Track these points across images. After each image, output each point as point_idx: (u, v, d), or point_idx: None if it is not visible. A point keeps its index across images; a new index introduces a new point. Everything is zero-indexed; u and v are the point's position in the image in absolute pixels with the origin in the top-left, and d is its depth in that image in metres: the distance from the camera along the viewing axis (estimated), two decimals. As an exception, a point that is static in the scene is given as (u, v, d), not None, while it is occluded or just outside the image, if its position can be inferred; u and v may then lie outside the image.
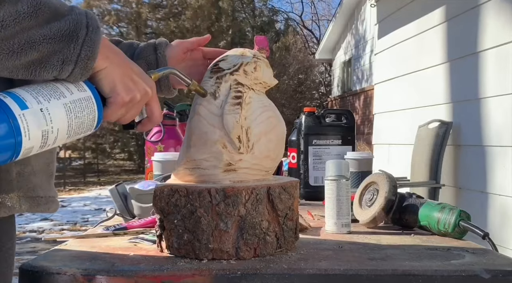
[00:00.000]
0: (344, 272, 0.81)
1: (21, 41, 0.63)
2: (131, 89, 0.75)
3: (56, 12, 0.66)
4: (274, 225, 0.90)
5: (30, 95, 0.65)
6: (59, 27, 0.66)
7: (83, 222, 6.31)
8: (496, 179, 2.53)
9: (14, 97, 0.64)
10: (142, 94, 0.77)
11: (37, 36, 0.64)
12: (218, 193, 0.85)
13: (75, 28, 0.67)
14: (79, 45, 0.67)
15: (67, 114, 0.68)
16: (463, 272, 0.81)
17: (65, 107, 0.68)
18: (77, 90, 0.70)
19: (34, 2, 0.64)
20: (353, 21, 10.71)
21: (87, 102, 0.71)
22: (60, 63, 0.67)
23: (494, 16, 2.56)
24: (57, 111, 0.67)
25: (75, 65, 0.67)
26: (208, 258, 0.86)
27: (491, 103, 2.58)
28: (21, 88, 0.66)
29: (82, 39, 0.67)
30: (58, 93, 0.68)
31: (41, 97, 0.66)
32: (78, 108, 0.70)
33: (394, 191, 1.16)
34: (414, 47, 3.49)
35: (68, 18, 0.67)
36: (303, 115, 1.82)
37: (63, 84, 0.69)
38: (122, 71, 0.74)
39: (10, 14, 0.61)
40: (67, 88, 0.69)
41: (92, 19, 0.70)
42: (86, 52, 0.68)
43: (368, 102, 9.54)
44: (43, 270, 0.79)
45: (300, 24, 18.67)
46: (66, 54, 0.66)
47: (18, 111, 0.63)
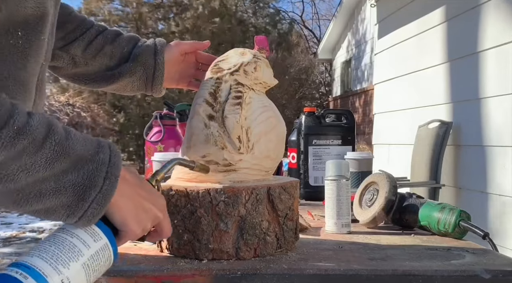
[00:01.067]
0: (344, 272, 0.81)
1: (29, 194, 0.59)
2: (142, 221, 0.71)
3: (77, 160, 0.63)
4: (274, 225, 0.90)
5: (49, 265, 0.61)
6: (74, 181, 0.62)
7: (83, 222, 6.30)
8: (496, 179, 2.53)
9: (35, 275, 0.59)
10: (153, 220, 0.74)
11: (47, 189, 0.60)
12: (218, 194, 0.85)
13: (89, 184, 0.63)
14: (87, 203, 0.63)
15: (86, 274, 0.65)
16: (463, 272, 0.81)
17: (83, 267, 0.64)
18: (93, 240, 0.66)
19: (56, 151, 0.60)
20: (353, 21, 10.71)
21: (103, 252, 0.67)
22: (65, 216, 0.64)
23: (495, 16, 2.55)
24: (76, 275, 0.63)
25: (78, 219, 0.64)
26: (208, 258, 0.86)
27: (491, 103, 2.58)
28: (38, 257, 0.61)
29: (92, 198, 0.63)
30: (76, 253, 0.64)
31: (60, 265, 0.62)
32: (96, 261, 0.66)
33: (394, 191, 1.16)
34: (414, 47, 3.48)
35: (87, 169, 0.63)
36: (303, 115, 1.82)
37: (78, 237, 0.65)
38: (134, 203, 0.70)
39: (25, 167, 0.58)
40: (83, 243, 0.65)
41: (113, 167, 0.65)
42: (93, 210, 0.64)
43: (368, 102, 9.54)
44: (43, 270, 0.79)
45: (301, 24, 18.68)
46: (73, 210, 0.63)
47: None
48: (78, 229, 0.66)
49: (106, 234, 0.68)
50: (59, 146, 0.61)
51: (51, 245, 0.64)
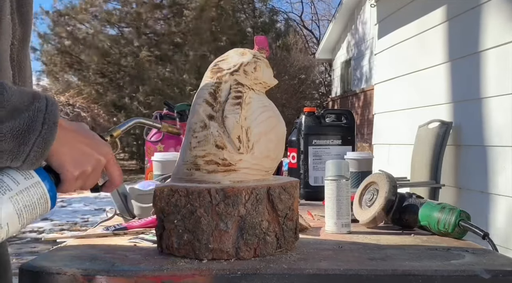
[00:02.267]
0: (344, 272, 0.81)
1: None
2: (80, 162, 0.74)
3: (13, 110, 0.66)
4: (274, 225, 0.90)
5: None
6: (12, 127, 0.66)
7: (83, 222, 6.31)
8: (496, 179, 2.53)
9: None
10: (94, 164, 0.76)
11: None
12: (218, 193, 0.85)
13: (28, 128, 0.67)
14: (28, 147, 0.67)
15: (14, 207, 0.68)
16: (463, 272, 0.81)
17: (11, 201, 0.68)
18: (24, 178, 0.70)
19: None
20: (353, 21, 10.71)
21: (35, 189, 0.71)
22: (9, 160, 0.67)
23: (495, 16, 2.55)
24: (3, 206, 0.67)
25: (22, 163, 0.68)
26: (208, 258, 0.86)
27: (491, 103, 2.58)
28: None
29: (32, 141, 0.67)
30: (4, 188, 0.68)
31: None
32: (27, 197, 0.70)
33: (394, 191, 1.16)
34: (414, 47, 3.48)
35: (24, 116, 0.67)
36: (303, 115, 1.82)
37: (9, 175, 0.69)
38: (70, 146, 0.73)
39: None
40: (13, 180, 0.69)
41: (50, 114, 0.69)
42: (35, 153, 0.68)
43: (368, 102, 9.54)
44: (43, 270, 0.79)
45: (300, 24, 18.68)
46: (15, 154, 0.67)
47: None
48: (11, 170, 0.70)
49: (39, 174, 0.71)
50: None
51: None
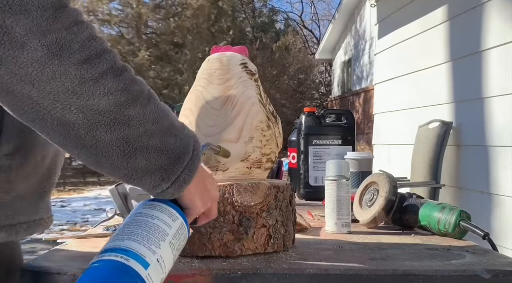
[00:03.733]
0: (344, 272, 0.81)
1: (138, 145, 0.62)
2: (205, 199, 0.74)
3: (171, 126, 0.66)
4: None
5: (144, 247, 0.62)
6: (174, 145, 0.66)
7: (83, 222, 6.31)
8: (497, 179, 2.52)
9: (135, 257, 0.60)
10: (212, 200, 0.77)
11: (153, 145, 0.63)
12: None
13: (183, 150, 0.67)
14: (181, 168, 0.66)
15: (172, 252, 0.67)
16: (463, 272, 0.81)
17: (170, 246, 0.66)
18: (172, 220, 0.68)
19: (159, 110, 0.64)
20: (353, 21, 10.70)
21: (182, 230, 0.70)
22: (160, 179, 0.65)
23: (496, 15, 2.55)
24: (167, 254, 0.65)
25: (171, 184, 0.66)
26: (208, 258, 0.86)
27: (492, 103, 2.57)
28: (130, 240, 0.62)
29: (185, 163, 0.67)
30: (162, 233, 0.65)
31: (153, 245, 0.63)
32: (178, 240, 0.68)
33: (394, 191, 1.16)
34: (414, 47, 3.48)
35: (180, 136, 0.67)
36: (303, 115, 1.82)
37: (160, 219, 0.67)
38: (200, 183, 0.73)
39: (138, 115, 0.61)
40: (165, 223, 0.67)
41: (196, 143, 0.70)
42: (185, 176, 0.67)
43: (368, 102, 9.54)
44: (43, 270, 0.79)
45: (300, 24, 18.67)
46: (168, 173, 0.66)
47: (144, 272, 0.59)
48: (155, 211, 0.67)
49: (179, 213, 0.70)
50: (161, 107, 0.65)
51: (137, 228, 0.64)
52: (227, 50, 0.98)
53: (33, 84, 0.55)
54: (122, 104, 0.60)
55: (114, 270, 0.58)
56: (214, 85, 0.92)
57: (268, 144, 0.93)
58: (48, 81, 0.56)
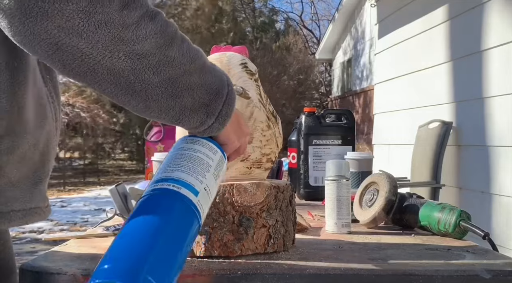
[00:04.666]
0: (344, 272, 0.81)
1: (182, 84, 0.65)
2: (240, 135, 0.78)
3: (205, 64, 0.69)
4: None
5: (191, 176, 0.66)
6: (211, 81, 0.69)
7: (83, 222, 6.31)
8: (497, 179, 2.52)
9: (186, 186, 0.64)
10: (245, 135, 0.80)
11: (195, 83, 0.67)
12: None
13: (221, 84, 0.70)
14: (222, 102, 0.70)
15: (215, 182, 0.70)
16: (463, 272, 0.81)
17: (214, 177, 0.70)
18: (213, 153, 0.72)
19: (193, 49, 0.67)
20: (353, 21, 10.71)
21: (222, 163, 0.73)
22: (205, 115, 0.69)
23: (497, 15, 2.55)
24: (211, 183, 0.69)
25: (215, 119, 0.70)
26: (208, 257, 0.86)
27: (492, 103, 2.57)
28: (178, 171, 0.66)
29: (225, 97, 0.70)
30: (206, 166, 0.69)
31: (200, 176, 0.67)
32: (220, 171, 0.72)
33: (395, 191, 1.16)
34: (414, 47, 3.48)
35: (215, 73, 0.70)
36: (303, 115, 1.82)
37: (202, 153, 0.70)
38: (234, 120, 0.75)
39: (178, 55, 0.64)
40: (207, 156, 0.70)
41: (229, 78, 0.73)
42: (226, 110, 0.71)
43: (368, 102, 9.54)
44: (43, 270, 0.79)
45: (300, 24, 18.67)
46: (212, 108, 0.69)
47: (195, 199, 0.64)
48: (197, 145, 0.71)
49: (218, 148, 0.74)
50: (192, 47, 0.68)
51: (183, 161, 0.68)
52: (227, 50, 0.98)
53: (81, 35, 0.57)
54: (162, 46, 0.63)
55: (169, 197, 0.63)
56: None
57: (268, 144, 0.93)
58: (95, 30, 0.57)
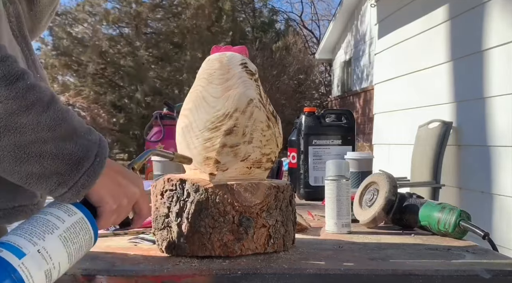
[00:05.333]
0: (344, 272, 0.81)
1: (31, 151, 0.64)
2: (118, 195, 0.74)
3: (72, 132, 0.68)
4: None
5: (24, 239, 0.64)
6: (70, 150, 0.67)
7: (83, 222, 6.29)
8: (497, 179, 2.52)
9: (9, 247, 0.63)
10: (130, 197, 0.76)
11: (48, 152, 0.65)
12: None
13: (83, 155, 0.68)
14: (79, 174, 0.67)
15: (64, 245, 0.67)
16: (463, 272, 0.81)
17: (60, 239, 0.67)
18: (68, 215, 0.69)
19: (58, 117, 0.66)
20: (353, 21, 10.70)
21: (80, 225, 0.70)
22: (56, 184, 0.67)
23: (498, 15, 2.54)
24: (54, 245, 0.66)
25: (68, 190, 0.68)
26: (208, 257, 0.86)
27: (492, 103, 2.57)
28: (13, 234, 0.65)
29: (85, 169, 0.68)
30: (51, 227, 0.67)
31: (35, 237, 0.65)
32: (73, 234, 0.69)
33: (394, 191, 1.16)
34: (414, 47, 3.48)
35: (80, 142, 0.68)
36: (303, 115, 1.82)
37: (52, 214, 0.68)
38: (109, 178, 0.72)
39: (32, 123, 0.63)
40: (57, 218, 0.68)
41: (102, 148, 0.70)
42: (84, 182, 0.68)
43: (368, 102, 9.54)
44: (43, 270, 0.79)
45: (300, 24, 18.66)
46: (65, 179, 0.67)
47: (16, 261, 0.62)
48: (52, 208, 0.69)
49: (81, 210, 0.71)
50: (61, 114, 0.66)
51: (25, 224, 0.67)
52: (227, 50, 0.98)
53: None
54: (13, 112, 0.62)
55: None
56: (214, 85, 0.92)
57: (268, 144, 0.93)
58: None
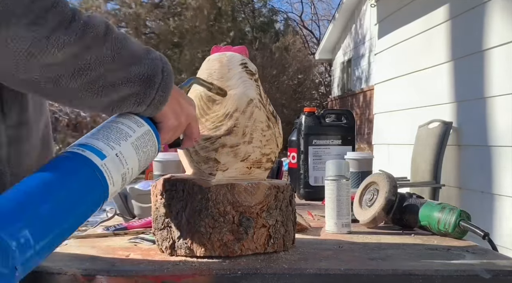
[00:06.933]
0: (344, 272, 0.81)
1: (104, 83, 0.67)
2: (178, 113, 0.78)
3: (134, 55, 0.70)
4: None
5: (103, 143, 0.69)
6: (138, 72, 0.70)
7: (83, 222, 6.29)
8: (497, 179, 2.52)
9: (91, 149, 0.67)
10: (187, 116, 0.80)
11: (118, 79, 0.68)
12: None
13: (152, 73, 0.71)
14: (154, 91, 0.71)
15: (136, 152, 0.72)
16: (463, 272, 0.81)
17: (133, 146, 0.72)
18: (137, 126, 0.73)
19: (116, 46, 0.68)
20: (353, 21, 10.70)
21: (148, 136, 0.75)
22: (135, 104, 0.71)
23: (499, 14, 2.54)
24: (128, 151, 0.71)
25: (147, 107, 0.72)
26: (208, 257, 0.86)
27: (492, 103, 2.57)
28: (91, 138, 0.70)
29: (157, 85, 0.72)
30: (124, 135, 0.71)
31: (112, 142, 0.69)
32: (143, 143, 0.74)
33: (394, 191, 1.16)
34: (414, 47, 3.48)
35: (145, 62, 0.71)
36: (303, 115, 1.82)
37: (123, 124, 0.73)
38: (172, 100, 0.76)
39: (96, 59, 0.65)
40: (129, 127, 0.72)
41: (166, 64, 0.74)
42: (160, 97, 0.72)
43: (368, 102, 9.54)
44: (43, 270, 0.79)
45: (300, 24, 18.66)
46: (142, 97, 0.71)
47: (99, 162, 0.66)
48: (121, 118, 0.73)
49: (148, 123, 0.75)
50: (119, 42, 0.68)
51: (99, 130, 0.72)
52: (227, 50, 0.98)
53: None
54: (76, 54, 0.64)
55: (71, 158, 0.67)
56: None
57: (268, 144, 0.93)
58: (4, 45, 0.59)
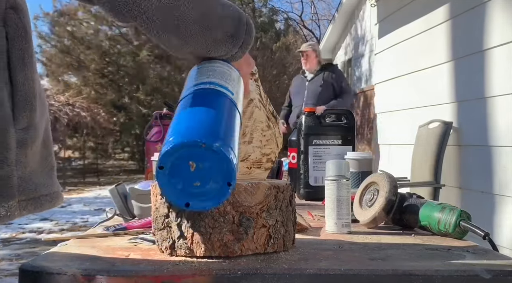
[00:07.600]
0: (344, 272, 0.81)
1: (214, 17, 0.72)
2: (247, 66, 0.85)
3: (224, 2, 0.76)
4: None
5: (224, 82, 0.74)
6: (233, 12, 0.75)
7: (82, 223, 6.31)
8: (497, 179, 2.52)
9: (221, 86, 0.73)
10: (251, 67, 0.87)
11: (222, 15, 0.74)
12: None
13: (240, 17, 0.77)
14: (244, 31, 0.77)
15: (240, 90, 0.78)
16: (463, 272, 0.81)
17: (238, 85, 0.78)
18: (232, 70, 0.78)
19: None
20: (353, 21, 10.70)
21: (239, 79, 0.80)
22: (231, 46, 0.76)
23: (499, 14, 2.54)
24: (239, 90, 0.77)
25: (238, 49, 0.77)
26: (208, 257, 0.85)
27: (492, 103, 2.57)
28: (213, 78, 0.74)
29: (245, 28, 0.77)
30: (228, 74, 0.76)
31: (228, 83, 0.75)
32: (239, 88, 0.79)
33: (395, 191, 1.16)
34: (414, 47, 3.48)
35: (232, 8, 0.76)
36: (303, 115, 1.82)
37: (223, 67, 0.77)
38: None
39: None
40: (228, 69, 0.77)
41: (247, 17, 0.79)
42: (247, 39, 0.77)
43: (368, 102, 9.54)
44: (43, 270, 0.79)
45: (300, 24, 18.65)
46: (236, 38, 0.76)
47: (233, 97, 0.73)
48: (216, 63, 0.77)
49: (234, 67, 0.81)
50: None
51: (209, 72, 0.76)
52: None
53: None
54: None
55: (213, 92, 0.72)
56: (214, 85, 0.92)
57: (268, 144, 0.93)
58: None
